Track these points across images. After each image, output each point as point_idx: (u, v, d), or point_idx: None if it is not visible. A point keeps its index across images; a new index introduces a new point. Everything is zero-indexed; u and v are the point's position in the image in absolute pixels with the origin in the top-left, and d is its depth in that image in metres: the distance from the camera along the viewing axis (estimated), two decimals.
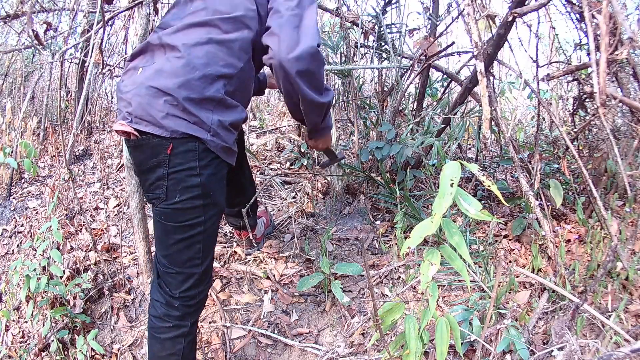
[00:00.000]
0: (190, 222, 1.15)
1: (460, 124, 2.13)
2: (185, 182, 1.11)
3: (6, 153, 1.97)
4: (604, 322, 1.28)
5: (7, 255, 2.48)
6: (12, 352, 1.87)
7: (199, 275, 1.21)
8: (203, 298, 1.28)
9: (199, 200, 1.13)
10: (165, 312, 1.21)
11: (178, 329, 1.22)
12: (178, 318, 1.21)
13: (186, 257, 1.18)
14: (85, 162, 3.45)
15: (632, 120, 1.77)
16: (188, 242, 1.16)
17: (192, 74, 1.08)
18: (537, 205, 1.60)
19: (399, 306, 1.07)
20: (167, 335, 1.22)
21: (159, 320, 1.22)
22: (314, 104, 1.21)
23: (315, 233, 2.22)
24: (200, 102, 1.09)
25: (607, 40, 1.18)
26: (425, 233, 0.85)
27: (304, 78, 1.13)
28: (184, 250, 1.17)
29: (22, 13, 2.82)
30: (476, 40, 1.34)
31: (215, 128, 1.11)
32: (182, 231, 1.15)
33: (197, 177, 1.11)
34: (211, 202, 1.16)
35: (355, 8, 2.81)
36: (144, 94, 1.09)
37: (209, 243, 1.22)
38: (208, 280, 1.28)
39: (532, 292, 1.56)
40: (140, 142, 1.11)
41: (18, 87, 4.64)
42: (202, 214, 1.15)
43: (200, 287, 1.24)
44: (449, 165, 0.85)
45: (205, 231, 1.17)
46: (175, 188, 1.11)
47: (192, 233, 1.16)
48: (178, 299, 1.21)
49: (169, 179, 1.10)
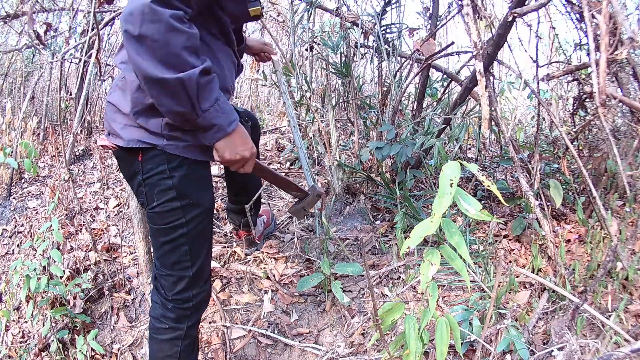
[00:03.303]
0: (171, 225, 1.13)
1: (460, 124, 2.13)
2: (159, 185, 1.10)
3: (6, 153, 1.97)
4: (604, 322, 1.28)
5: (7, 255, 2.48)
6: (12, 352, 1.87)
7: (190, 278, 1.19)
8: (200, 301, 1.24)
9: (175, 202, 1.11)
10: (162, 313, 1.21)
11: (174, 331, 1.21)
12: (174, 320, 1.21)
13: (173, 259, 1.17)
14: (85, 162, 3.45)
15: (632, 120, 1.77)
16: (172, 245, 1.15)
17: (131, 87, 1.06)
18: (537, 205, 1.60)
19: (399, 306, 1.07)
20: (164, 337, 1.21)
21: (157, 321, 1.22)
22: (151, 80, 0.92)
23: (315, 233, 2.22)
24: (146, 111, 1.06)
25: (607, 40, 1.18)
26: (425, 233, 0.85)
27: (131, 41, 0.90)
28: (170, 253, 1.16)
29: (23, 13, 2.83)
30: (475, 40, 1.34)
31: (168, 132, 1.07)
32: (165, 234, 1.14)
33: (169, 180, 1.10)
34: (190, 203, 1.13)
35: (355, 8, 2.81)
36: (107, 109, 1.14)
37: (197, 245, 1.18)
38: (203, 284, 1.23)
39: (532, 292, 1.56)
40: (117, 153, 1.16)
41: (18, 87, 4.64)
42: (182, 216, 1.12)
43: (193, 290, 1.21)
44: (449, 165, 0.85)
45: (189, 233, 1.14)
46: (152, 192, 1.11)
47: (175, 235, 1.14)
48: (172, 301, 1.20)
49: (145, 184, 1.11)
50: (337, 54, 2.55)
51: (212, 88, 0.98)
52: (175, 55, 0.90)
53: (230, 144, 1.05)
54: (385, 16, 2.48)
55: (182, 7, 0.92)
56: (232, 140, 1.05)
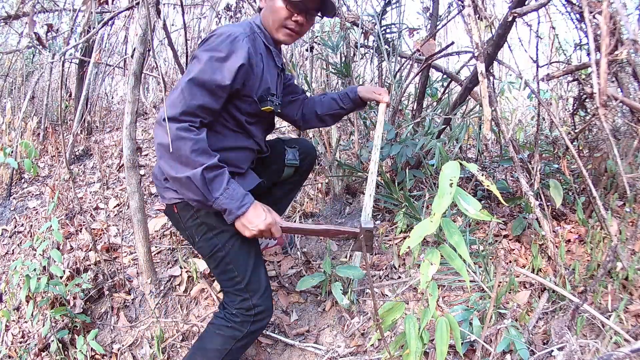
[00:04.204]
0: (213, 252, 1.35)
1: (460, 124, 2.13)
2: (194, 226, 1.36)
3: (6, 153, 1.97)
4: (604, 322, 1.28)
5: (7, 255, 2.48)
6: (12, 352, 1.87)
7: (244, 290, 1.35)
8: (261, 312, 1.35)
9: (209, 234, 1.35)
10: (228, 317, 1.37)
11: (233, 331, 1.35)
12: (238, 323, 1.35)
13: (225, 278, 1.37)
14: (85, 162, 3.45)
15: (632, 120, 1.77)
16: (221, 268, 1.37)
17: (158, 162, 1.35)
18: (537, 205, 1.60)
19: (399, 306, 1.07)
20: (221, 332, 1.36)
21: (222, 320, 1.38)
22: (171, 178, 1.23)
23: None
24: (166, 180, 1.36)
25: (608, 41, 1.18)
26: (425, 233, 0.86)
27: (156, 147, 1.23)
28: (222, 274, 1.38)
29: (23, 14, 2.83)
30: (477, 41, 1.34)
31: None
32: (213, 260, 1.37)
33: (198, 219, 1.35)
34: (220, 231, 1.34)
35: (355, 8, 2.81)
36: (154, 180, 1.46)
37: (240, 262, 1.35)
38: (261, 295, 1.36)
39: (532, 292, 1.56)
40: (164, 211, 1.50)
41: (18, 87, 4.64)
42: (218, 243, 1.35)
43: (252, 300, 1.35)
44: (448, 165, 0.85)
45: (228, 254, 1.34)
46: (192, 233, 1.37)
47: (219, 260, 1.36)
48: (236, 310, 1.36)
49: (186, 228, 1.38)
50: (337, 54, 2.55)
51: (220, 180, 1.21)
52: (185, 157, 1.17)
53: (245, 222, 1.25)
54: (385, 16, 2.48)
55: (187, 120, 1.19)
56: (246, 219, 1.25)
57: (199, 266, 1.90)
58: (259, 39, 1.37)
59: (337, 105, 1.73)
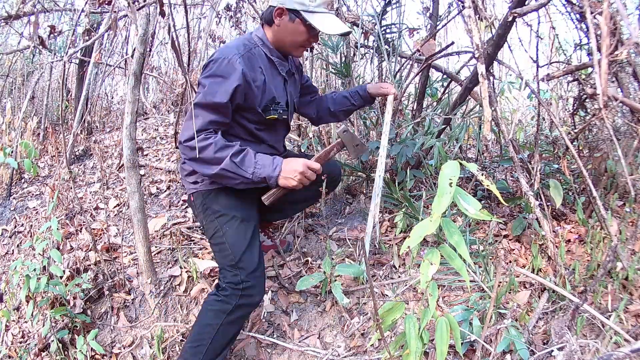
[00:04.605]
0: (215, 233, 1.53)
1: (460, 124, 2.13)
2: (203, 211, 1.57)
3: (6, 153, 1.97)
4: (604, 322, 1.28)
5: (7, 255, 2.48)
6: (12, 352, 1.87)
7: (236, 267, 1.46)
8: (249, 287, 1.45)
9: (211, 217, 1.54)
10: (219, 291, 1.48)
11: (223, 304, 1.44)
12: (226, 296, 1.45)
13: (222, 256, 1.51)
14: (85, 162, 3.45)
15: (632, 120, 1.77)
16: (219, 247, 1.52)
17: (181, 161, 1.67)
18: (537, 205, 1.60)
19: (399, 306, 1.07)
20: (213, 307, 1.46)
21: (212, 296, 1.49)
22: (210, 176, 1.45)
23: (315, 233, 2.22)
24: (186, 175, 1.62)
25: (608, 41, 1.17)
26: (424, 233, 0.86)
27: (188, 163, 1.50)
28: (219, 253, 1.52)
29: (23, 14, 2.83)
30: (478, 42, 1.34)
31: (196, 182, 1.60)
32: (214, 240, 1.54)
33: (205, 205, 1.56)
34: (221, 215, 1.53)
35: (355, 8, 2.81)
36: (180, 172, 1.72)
37: (234, 238, 1.49)
38: (250, 274, 1.46)
39: (532, 292, 1.56)
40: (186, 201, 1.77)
41: (18, 87, 4.64)
42: (218, 225, 1.53)
43: (241, 276, 1.45)
44: (448, 165, 0.85)
45: (226, 233, 1.50)
46: (202, 217, 1.58)
47: (218, 239, 1.52)
48: (226, 284, 1.47)
49: (198, 213, 1.61)
50: (337, 54, 2.56)
51: (248, 158, 1.41)
52: (212, 158, 1.39)
53: (285, 176, 1.43)
54: (385, 16, 2.48)
55: (203, 129, 1.40)
56: (284, 174, 1.43)
57: (199, 266, 1.90)
58: (258, 53, 1.52)
59: (349, 102, 1.90)
